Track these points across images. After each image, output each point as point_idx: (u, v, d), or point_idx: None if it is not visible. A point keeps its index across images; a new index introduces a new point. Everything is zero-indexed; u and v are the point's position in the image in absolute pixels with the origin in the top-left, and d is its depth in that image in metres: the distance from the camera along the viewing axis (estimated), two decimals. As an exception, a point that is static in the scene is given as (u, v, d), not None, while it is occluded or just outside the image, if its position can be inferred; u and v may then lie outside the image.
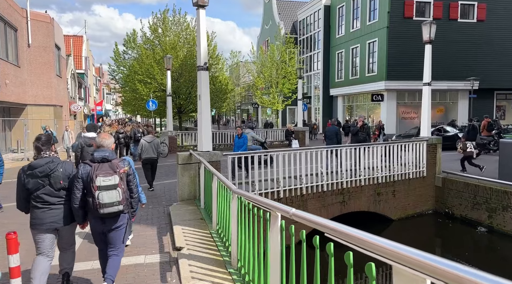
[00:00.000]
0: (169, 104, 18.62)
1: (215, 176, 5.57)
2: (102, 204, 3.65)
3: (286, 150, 9.40)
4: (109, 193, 3.68)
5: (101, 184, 3.66)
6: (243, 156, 8.65)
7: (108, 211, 3.69)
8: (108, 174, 3.72)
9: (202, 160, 6.84)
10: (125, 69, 26.80)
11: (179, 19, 26.81)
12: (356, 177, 10.45)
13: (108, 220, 3.83)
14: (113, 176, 3.73)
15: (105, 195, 3.66)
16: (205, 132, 8.24)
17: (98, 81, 71.31)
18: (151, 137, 10.51)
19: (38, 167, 3.83)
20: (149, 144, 10.19)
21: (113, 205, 3.69)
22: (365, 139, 11.24)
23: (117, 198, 3.70)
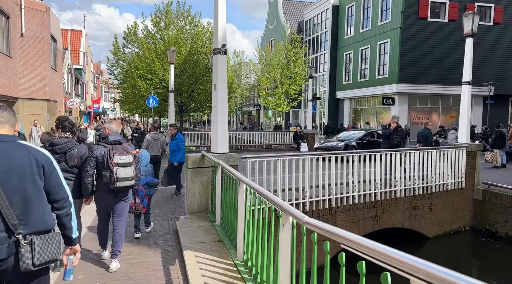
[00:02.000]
0: (172, 101, 17.13)
1: (246, 186, 4.10)
2: (119, 178, 4.33)
3: (314, 154, 7.91)
4: (125, 169, 4.39)
5: (118, 161, 4.35)
6: (265, 160, 7.16)
7: (123, 185, 4.39)
8: (123, 153, 4.43)
9: (223, 164, 5.33)
10: (125, 64, 25.25)
11: (182, 13, 25.35)
12: (390, 187, 8.98)
13: (120, 193, 4.55)
14: (127, 155, 4.46)
15: (122, 171, 4.36)
16: (221, 130, 6.74)
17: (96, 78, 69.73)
18: (157, 133, 9.09)
19: (58, 144, 4.46)
20: (155, 141, 8.75)
21: (128, 180, 4.41)
22: (399, 143, 9.80)
23: (131, 173, 4.45)
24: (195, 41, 24.52)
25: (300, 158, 7.57)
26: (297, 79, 30.25)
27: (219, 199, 5.84)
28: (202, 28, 25.18)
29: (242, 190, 4.23)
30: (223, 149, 6.77)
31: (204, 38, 25.00)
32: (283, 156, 7.39)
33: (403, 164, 9.12)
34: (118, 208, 4.60)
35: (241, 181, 4.21)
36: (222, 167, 5.46)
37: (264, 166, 7.09)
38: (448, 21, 28.94)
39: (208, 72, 24.82)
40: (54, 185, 2.38)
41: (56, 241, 2.32)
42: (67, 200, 2.45)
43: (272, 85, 30.95)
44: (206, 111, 30.90)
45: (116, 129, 4.79)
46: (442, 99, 30.38)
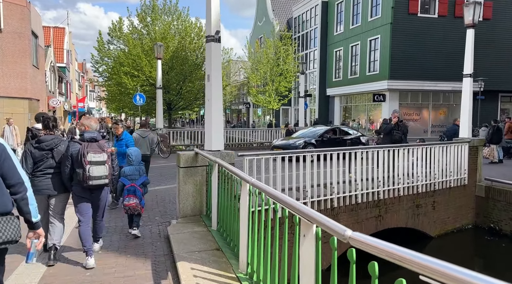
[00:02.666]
0: (159, 98, 16.43)
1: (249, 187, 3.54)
2: (92, 177, 4.27)
3: (314, 151, 7.38)
4: (98, 167, 4.32)
5: (92, 159, 4.28)
6: (263, 157, 6.61)
7: (96, 183, 4.33)
8: (98, 151, 4.35)
9: (221, 162, 4.75)
10: (110, 61, 24.38)
11: (169, 8, 24.59)
12: (393, 185, 8.51)
13: (96, 191, 4.53)
14: (102, 154, 4.38)
15: (94, 169, 4.29)
16: (216, 125, 6.17)
17: (81, 77, 68.27)
18: (145, 131, 8.46)
19: (45, 141, 4.53)
20: (143, 139, 8.14)
21: (101, 178, 4.35)
22: (401, 139, 9.33)
23: (104, 172, 4.37)
24: (183, 37, 23.81)
25: (301, 155, 7.03)
26: (287, 76, 29.75)
27: (215, 201, 5.27)
28: (190, 23, 24.48)
29: (245, 191, 3.67)
30: (218, 146, 6.20)
31: (193, 34, 24.32)
32: (282, 154, 6.84)
33: (406, 160, 8.66)
34: (96, 206, 4.68)
35: (244, 181, 3.64)
36: (220, 165, 4.89)
37: (263, 164, 6.53)
38: (438, 16, 28.77)
39: (197, 69, 24.18)
40: (8, 170, 2.49)
41: (15, 223, 2.49)
42: (23, 185, 2.54)
43: (262, 82, 30.39)
44: (195, 109, 30.21)
45: (95, 127, 4.75)
46: (433, 95, 30.24)
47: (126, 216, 5.84)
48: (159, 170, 12.28)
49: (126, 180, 5.58)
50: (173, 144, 18.48)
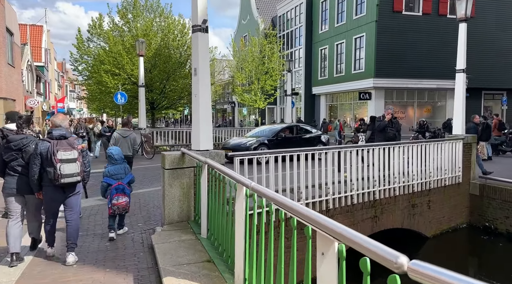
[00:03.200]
0: (142, 97, 15.78)
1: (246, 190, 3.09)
2: (63, 175, 4.24)
3: (308, 149, 6.95)
4: (70, 165, 4.30)
5: (62, 157, 4.24)
6: (256, 157, 6.15)
7: (68, 181, 4.30)
8: (68, 149, 4.32)
9: (212, 163, 4.27)
10: (90, 59, 23.51)
11: (151, 5, 23.88)
12: (389, 184, 8.17)
13: (68, 189, 4.46)
14: (72, 151, 4.36)
15: (66, 167, 4.26)
16: (204, 123, 5.69)
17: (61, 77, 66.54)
18: (126, 130, 7.90)
19: (13, 141, 4.51)
20: (124, 139, 7.58)
21: (73, 176, 4.32)
22: (394, 136, 9.01)
23: (76, 169, 4.34)
24: (166, 34, 23.13)
25: (294, 154, 6.59)
26: (273, 74, 29.35)
27: (205, 206, 4.78)
28: (173, 20, 23.82)
29: (242, 196, 3.21)
30: (206, 145, 5.72)
31: (176, 31, 23.66)
32: (275, 153, 6.39)
33: (401, 159, 8.33)
34: (69, 201, 4.53)
35: (241, 184, 3.18)
36: (210, 166, 4.41)
37: (255, 165, 6.07)
38: (422, 14, 28.81)
39: (181, 67, 23.53)
40: None
41: None
42: None
43: (248, 81, 29.92)
44: (179, 108, 29.52)
45: (59, 123, 4.59)
46: (418, 93, 30.30)
47: (105, 222, 5.42)
48: (142, 172, 11.69)
49: (111, 179, 5.39)
50: (157, 144, 17.85)
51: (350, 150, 7.51)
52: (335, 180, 7.24)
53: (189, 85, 24.38)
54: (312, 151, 6.92)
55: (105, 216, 5.94)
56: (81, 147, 4.56)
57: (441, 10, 29.12)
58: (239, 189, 3.28)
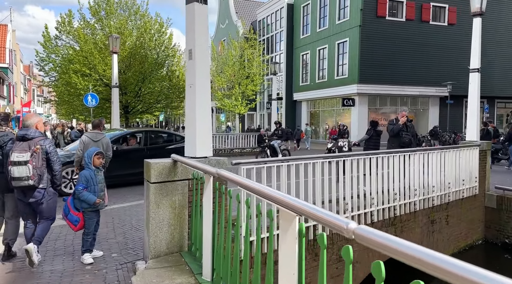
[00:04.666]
0: (116, 99, 14.19)
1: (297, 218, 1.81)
2: (13, 177, 4.02)
3: (326, 156, 5.72)
4: (19, 168, 4.01)
5: (14, 159, 4.02)
6: (265, 166, 4.86)
7: (17, 185, 4.05)
8: (24, 151, 4.06)
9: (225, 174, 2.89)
10: (58, 58, 21.60)
11: (126, 2, 22.28)
12: (409, 198, 7.03)
13: (28, 192, 4.15)
14: (26, 153, 4.05)
15: (15, 170, 4.01)
16: (202, 122, 4.37)
17: (27, 80, 63.20)
18: (97, 133, 6.47)
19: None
20: (95, 143, 6.19)
21: (22, 180, 4.01)
22: (410, 142, 7.93)
23: (26, 173, 4.00)
24: (141, 33, 21.55)
25: (310, 162, 5.33)
26: (254, 79, 28.19)
27: (208, 235, 3.43)
28: (149, 18, 22.28)
29: (294, 228, 1.92)
30: (205, 151, 4.39)
31: (152, 31, 22.13)
32: (287, 161, 5.11)
33: (421, 168, 7.23)
34: (39, 210, 4.32)
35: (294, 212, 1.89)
36: (220, 179, 3.09)
37: (264, 175, 4.78)
38: (405, 20, 28.46)
39: (158, 68, 21.98)
40: None
41: None
42: None
43: (228, 85, 28.62)
44: (155, 113, 27.81)
45: (27, 123, 4.29)
46: (401, 100, 29.85)
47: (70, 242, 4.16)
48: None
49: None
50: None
51: (365, 157, 6.32)
52: (353, 194, 6.03)
53: (167, 88, 22.87)
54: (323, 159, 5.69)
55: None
56: (34, 149, 4.11)
57: (424, 16, 28.88)
58: (285, 219, 1.99)
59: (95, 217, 4.48)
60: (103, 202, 4.50)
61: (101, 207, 4.50)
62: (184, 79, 24.57)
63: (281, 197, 2.01)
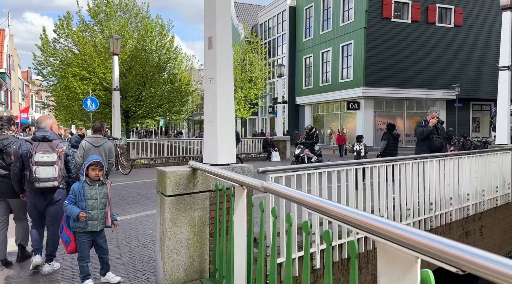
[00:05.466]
0: (117, 102, 13.52)
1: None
2: (38, 178, 3.94)
3: (357, 162, 5.05)
4: (45, 168, 3.98)
5: (39, 159, 3.96)
6: (295, 174, 4.17)
7: (43, 185, 3.97)
8: (47, 151, 4.03)
9: (279, 189, 2.21)
10: (56, 62, 20.91)
11: (126, 4, 21.68)
12: (444, 208, 6.36)
13: (48, 194, 4.12)
14: (51, 154, 4.03)
15: (41, 170, 3.95)
16: (224, 123, 3.70)
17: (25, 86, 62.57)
18: (98, 138, 5.81)
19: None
20: (96, 149, 5.53)
21: (48, 181, 3.99)
22: (441, 146, 7.26)
23: (53, 174, 4.00)
24: (142, 35, 20.93)
25: (343, 169, 4.65)
26: (257, 83, 27.56)
27: (242, 259, 2.74)
28: (151, 20, 21.67)
29: (413, 273, 1.24)
30: (227, 157, 3.71)
31: (154, 33, 21.51)
32: (318, 168, 4.43)
33: (455, 175, 6.56)
34: (50, 211, 4.19)
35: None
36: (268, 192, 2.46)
37: (294, 184, 4.10)
38: (411, 22, 27.94)
39: (160, 71, 21.33)
40: None
41: None
42: None
43: (230, 89, 27.98)
44: (156, 118, 27.13)
45: (44, 125, 4.23)
46: (407, 103, 29.26)
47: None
48: (118, 191, 9.41)
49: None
50: (133, 157, 15.55)
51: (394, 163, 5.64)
52: (388, 205, 5.35)
53: (168, 92, 22.20)
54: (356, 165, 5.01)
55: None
56: (61, 150, 4.14)
57: (430, 18, 28.36)
58: (392, 261, 1.31)
59: (86, 240, 3.74)
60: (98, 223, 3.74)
61: (91, 227, 3.71)
62: (187, 82, 23.88)
63: (393, 229, 1.33)
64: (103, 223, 3.79)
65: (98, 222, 3.73)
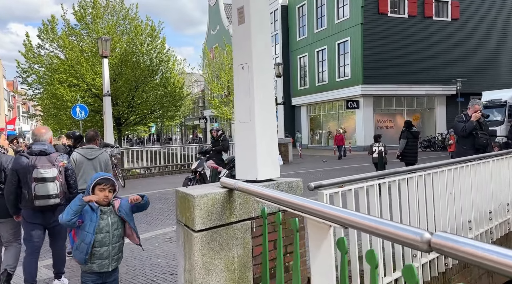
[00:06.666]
0: (108, 108, 12.42)
1: None
2: (38, 196, 3.62)
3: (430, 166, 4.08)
4: (46, 185, 3.66)
5: (38, 175, 3.63)
6: (351, 188, 3.19)
7: (43, 204, 3.66)
8: (46, 166, 3.69)
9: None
10: (42, 69, 19.71)
11: (114, 6, 20.60)
12: (506, 215, 5.45)
13: (48, 212, 3.78)
14: (51, 169, 3.71)
15: (41, 187, 3.64)
16: (264, 125, 2.70)
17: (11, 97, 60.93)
18: (92, 149, 4.86)
19: None
20: (90, 162, 4.74)
21: (50, 198, 3.67)
22: (487, 144, 6.35)
23: (54, 190, 3.69)
24: (132, 38, 19.85)
25: (413, 176, 3.67)
26: (252, 84, 26.63)
27: None
28: (140, 23, 20.59)
29: None
30: (270, 169, 2.72)
31: (144, 35, 20.45)
32: (382, 177, 3.46)
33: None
34: (52, 231, 3.90)
35: None
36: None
37: (352, 201, 3.13)
38: (408, 16, 27.27)
39: (152, 75, 20.26)
40: None
41: None
42: None
43: (225, 92, 27.00)
44: (149, 124, 25.97)
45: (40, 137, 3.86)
46: (407, 100, 28.54)
47: None
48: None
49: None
50: (128, 167, 14.45)
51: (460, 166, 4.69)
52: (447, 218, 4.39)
53: (162, 96, 21.12)
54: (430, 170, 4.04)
55: None
56: (62, 164, 3.82)
57: (427, 12, 27.73)
58: None
59: (93, 282, 2.74)
60: (110, 262, 2.74)
61: (99, 268, 2.70)
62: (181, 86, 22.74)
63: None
64: (117, 260, 2.79)
65: (110, 261, 2.73)
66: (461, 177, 4.60)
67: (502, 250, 1.08)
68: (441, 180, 4.24)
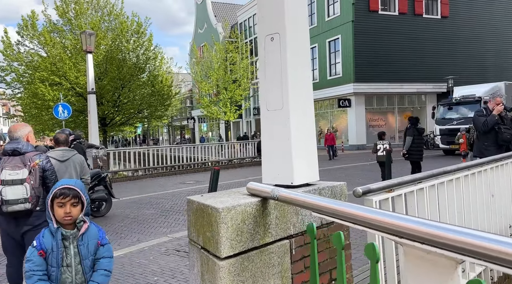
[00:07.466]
0: (93, 107, 11.63)
1: None
2: (5, 201, 3.24)
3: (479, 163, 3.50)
4: (14, 188, 3.26)
5: (6, 177, 3.26)
6: (403, 192, 2.58)
7: (12, 209, 3.24)
8: (17, 167, 3.31)
9: None
10: (21, 67, 18.72)
11: (98, 1, 19.72)
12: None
13: (21, 219, 3.34)
14: (21, 170, 3.30)
15: (9, 191, 3.24)
16: (301, 117, 2.07)
17: (-9, 98, 58.98)
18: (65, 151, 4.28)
19: None
20: (62, 164, 4.29)
21: (18, 203, 3.26)
22: (511, 139, 5.85)
23: (23, 194, 3.27)
24: (117, 34, 19.01)
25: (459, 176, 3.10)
26: (242, 83, 25.99)
27: None
28: (126, 18, 19.76)
29: None
30: (308, 171, 2.09)
31: (130, 32, 19.62)
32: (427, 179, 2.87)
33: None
34: (28, 240, 3.26)
35: None
36: None
37: (403, 208, 2.53)
38: (398, 14, 27.04)
39: (139, 73, 19.45)
40: None
41: None
42: None
43: (214, 91, 26.31)
44: (136, 124, 25.07)
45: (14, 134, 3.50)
46: (398, 98, 28.30)
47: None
48: (97, 221, 7.59)
49: None
50: (115, 169, 13.66)
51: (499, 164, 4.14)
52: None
53: (149, 95, 20.30)
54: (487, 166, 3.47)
55: None
56: (33, 165, 3.32)
57: (417, 10, 27.56)
58: None
59: None
60: None
61: None
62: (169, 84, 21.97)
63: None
64: None
65: None
66: (501, 177, 4.05)
67: None
68: (485, 180, 3.68)
